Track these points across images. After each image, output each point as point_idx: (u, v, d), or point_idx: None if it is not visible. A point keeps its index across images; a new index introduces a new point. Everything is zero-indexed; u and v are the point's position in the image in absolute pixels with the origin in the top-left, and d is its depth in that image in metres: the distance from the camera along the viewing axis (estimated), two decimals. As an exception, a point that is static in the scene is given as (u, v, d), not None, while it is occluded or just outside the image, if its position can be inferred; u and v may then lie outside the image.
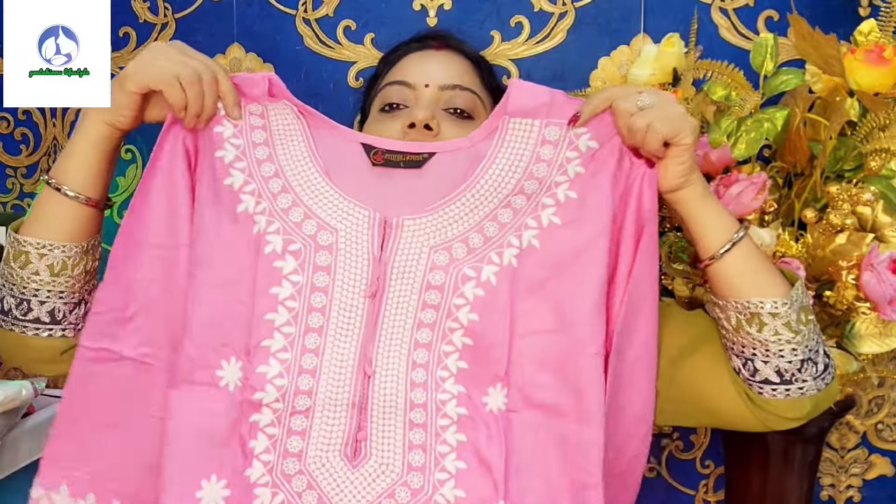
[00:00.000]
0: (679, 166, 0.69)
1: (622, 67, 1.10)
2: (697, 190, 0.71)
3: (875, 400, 1.13)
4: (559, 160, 0.72)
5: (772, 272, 0.71)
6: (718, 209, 0.72)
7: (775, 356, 0.69)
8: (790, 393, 0.70)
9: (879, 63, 0.85)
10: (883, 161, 0.87)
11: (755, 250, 0.72)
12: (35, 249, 0.71)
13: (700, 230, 0.72)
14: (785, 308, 0.68)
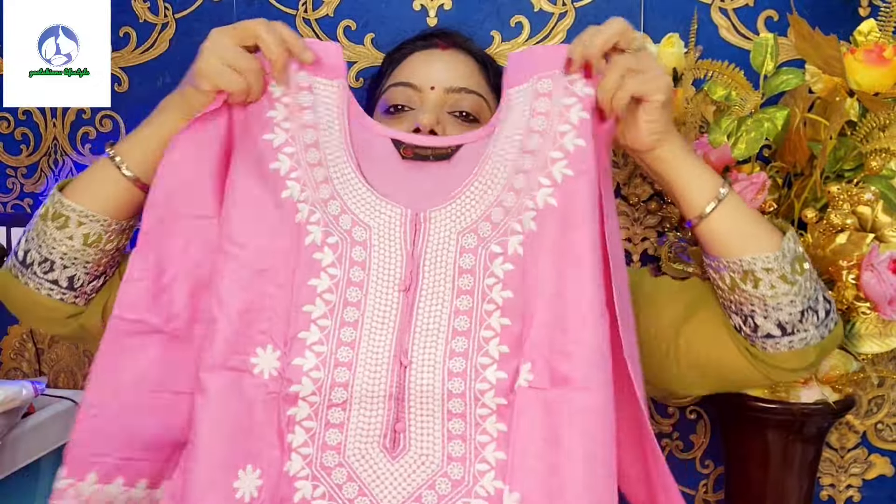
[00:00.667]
0: (650, 124, 0.67)
1: (622, 67, 1.10)
2: (675, 148, 0.69)
3: (875, 400, 1.13)
4: (557, 109, 0.70)
5: (761, 226, 0.70)
6: (700, 167, 0.71)
7: (774, 310, 0.68)
8: (793, 344, 0.70)
9: (879, 63, 0.85)
10: (883, 161, 0.87)
11: (742, 205, 0.70)
12: (76, 216, 0.72)
13: (683, 189, 0.70)
14: (778, 262, 0.67)
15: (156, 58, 1.18)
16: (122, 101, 1.20)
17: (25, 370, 1.31)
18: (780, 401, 0.89)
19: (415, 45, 0.89)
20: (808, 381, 0.91)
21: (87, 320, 0.77)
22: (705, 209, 0.69)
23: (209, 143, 0.70)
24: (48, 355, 1.30)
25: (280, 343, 0.69)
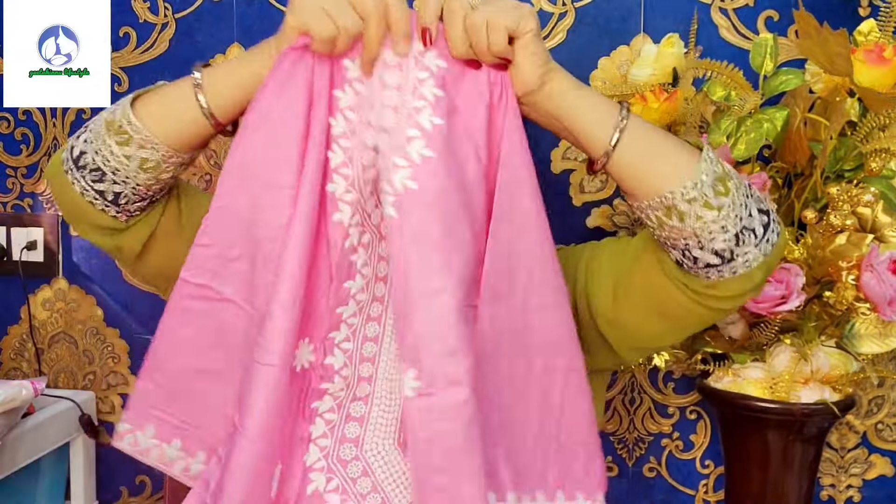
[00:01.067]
0: (532, 58, 0.63)
1: (622, 67, 1.10)
2: (563, 81, 0.65)
3: (875, 400, 1.13)
4: (410, 83, 0.63)
5: (672, 150, 0.65)
6: (595, 96, 0.66)
7: (708, 240, 0.64)
8: (736, 270, 0.65)
9: (879, 63, 0.85)
10: (883, 161, 0.87)
11: (646, 128, 0.65)
12: (140, 138, 0.67)
13: (580, 127, 0.65)
14: (698, 189, 0.62)
15: (156, 58, 1.18)
16: (122, 101, 1.20)
17: (25, 370, 1.31)
18: (781, 401, 0.89)
19: None
20: (809, 382, 0.91)
21: (124, 241, 0.74)
22: (608, 142, 0.64)
23: (293, 103, 0.64)
24: (48, 355, 1.30)
25: (316, 339, 0.67)
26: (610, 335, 0.77)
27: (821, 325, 0.91)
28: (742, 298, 0.69)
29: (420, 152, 0.61)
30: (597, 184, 1.12)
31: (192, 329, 0.68)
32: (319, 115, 0.64)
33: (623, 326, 0.75)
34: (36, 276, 1.28)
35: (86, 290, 1.28)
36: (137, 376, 0.69)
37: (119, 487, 1.29)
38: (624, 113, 0.64)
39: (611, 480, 1.19)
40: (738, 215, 0.63)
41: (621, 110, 0.64)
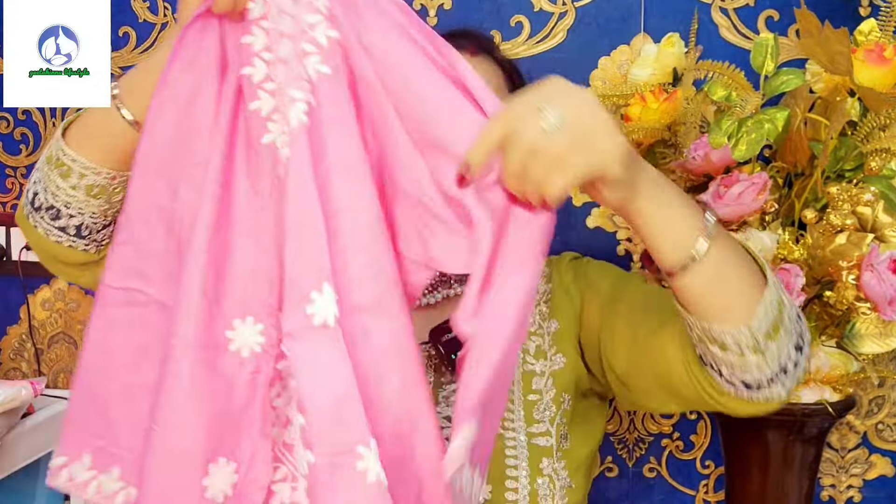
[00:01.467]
0: (612, 195, 0.55)
1: (622, 67, 1.10)
2: (643, 204, 0.57)
3: (875, 400, 1.13)
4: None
5: (737, 287, 0.60)
6: (672, 219, 0.58)
7: (740, 372, 0.62)
8: (756, 397, 0.64)
9: (880, 63, 0.85)
10: (883, 161, 0.87)
11: (722, 260, 0.59)
12: (78, 167, 0.65)
13: (655, 243, 0.59)
14: (750, 334, 0.59)
15: (156, 58, 1.18)
16: (122, 101, 1.19)
17: (25, 370, 1.31)
18: (781, 401, 0.89)
19: None
20: (809, 382, 0.91)
21: (101, 272, 0.69)
22: (678, 267, 0.59)
23: (203, 76, 0.59)
24: (47, 355, 1.30)
25: (263, 314, 0.59)
26: (617, 391, 0.79)
27: (821, 325, 0.91)
28: (743, 413, 0.68)
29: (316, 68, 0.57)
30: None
31: (121, 340, 0.62)
32: (232, 77, 0.59)
33: (632, 390, 0.76)
34: (35, 277, 1.28)
35: (85, 291, 1.27)
36: (69, 401, 0.64)
37: (119, 488, 1.29)
38: (705, 243, 0.57)
39: (611, 480, 1.19)
40: (779, 361, 0.62)
41: (701, 238, 0.57)
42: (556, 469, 0.72)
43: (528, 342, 0.83)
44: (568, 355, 0.81)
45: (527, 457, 0.72)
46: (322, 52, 0.57)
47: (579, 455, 0.76)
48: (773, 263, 0.87)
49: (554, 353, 0.82)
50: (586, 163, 0.51)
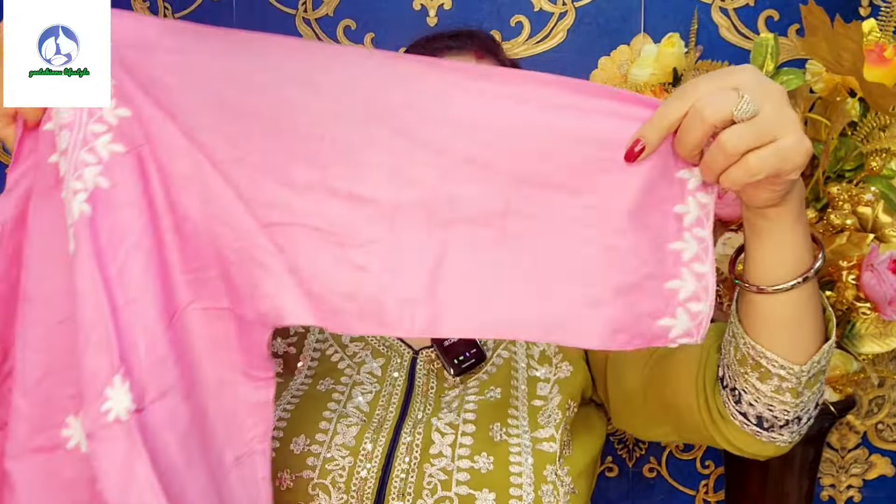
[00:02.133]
0: (770, 193, 0.52)
1: (622, 67, 1.10)
2: (782, 212, 0.54)
3: (875, 400, 1.13)
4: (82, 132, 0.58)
5: (811, 329, 0.59)
6: (798, 236, 0.56)
7: (764, 406, 0.62)
8: (760, 436, 0.64)
9: (880, 63, 0.85)
10: (883, 161, 0.87)
11: (811, 296, 0.58)
12: None
13: (765, 255, 0.56)
14: (797, 376, 0.59)
15: (156, 58, 1.18)
16: (122, 101, 1.19)
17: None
18: (781, 401, 0.89)
19: (446, 44, 0.84)
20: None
21: None
22: (774, 286, 0.56)
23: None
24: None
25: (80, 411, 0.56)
26: (614, 407, 0.80)
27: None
28: (736, 447, 0.67)
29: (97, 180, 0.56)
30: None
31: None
32: (42, 153, 0.60)
33: (633, 408, 0.77)
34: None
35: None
36: None
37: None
38: (810, 274, 0.56)
39: (611, 480, 1.19)
40: (805, 409, 0.62)
41: (809, 272, 0.56)
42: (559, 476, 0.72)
43: (532, 347, 0.83)
44: (575, 363, 0.81)
45: (531, 463, 0.71)
46: (112, 130, 0.57)
47: (582, 461, 0.76)
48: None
49: (560, 360, 0.81)
50: (768, 163, 0.48)
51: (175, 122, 0.56)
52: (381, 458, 0.70)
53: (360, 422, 0.74)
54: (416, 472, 0.69)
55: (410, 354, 0.82)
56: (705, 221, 0.54)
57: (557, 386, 0.79)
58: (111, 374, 0.53)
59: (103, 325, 0.53)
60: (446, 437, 0.72)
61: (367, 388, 0.78)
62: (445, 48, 0.85)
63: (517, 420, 0.75)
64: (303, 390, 0.79)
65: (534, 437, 0.74)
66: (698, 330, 0.54)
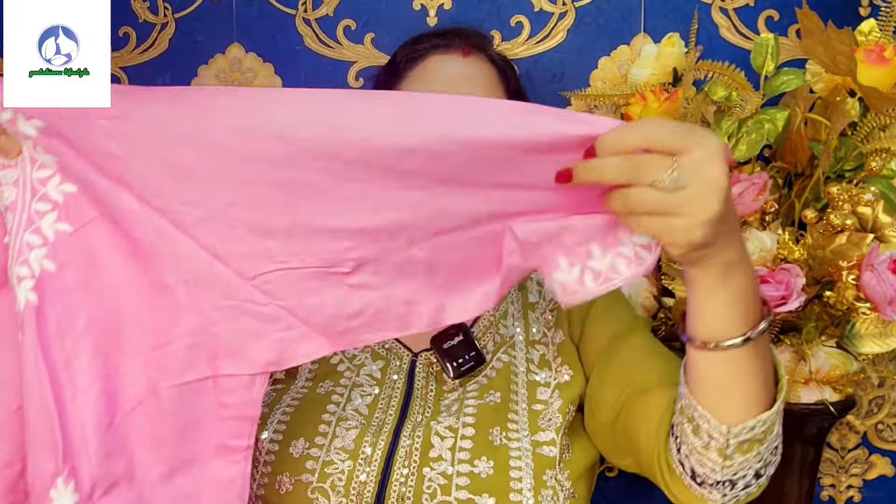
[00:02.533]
0: (674, 250, 0.52)
1: (622, 67, 1.10)
2: (706, 277, 0.53)
3: (875, 400, 1.13)
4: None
5: (748, 394, 0.58)
6: (727, 304, 0.54)
7: (696, 460, 0.61)
8: (694, 490, 0.63)
9: (880, 63, 0.85)
10: (883, 161, 0.87)
11: (751, 361, 0.57)
12: None
13: (703, 310, 0.56)
14: (725, 435, 0.58)
15: (155, 58, 1.18)
16: (122, 101, 1.19)
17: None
18: (781, 401, 0.89)
19: (433, 43, 0.84)
20: (809, 382, 0.91)
21: None
22: (712, 343, 0.56)
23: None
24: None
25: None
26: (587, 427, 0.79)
27: (821, 325, 0.91)
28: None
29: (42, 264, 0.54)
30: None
31: None
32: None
33: (602, 436, 0.77)
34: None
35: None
36: None
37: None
38: (745, 341, 0.55)
39: (611, 480, 1.19)
40: (735, 473, 0.60)
41: (749, 334, 0.55)
42: (559, 480, 0.72)
43: (532, 351, 0.82)
44: (574, 367, 0.81)
45: (532, 468, 0.71)
46: (58, 208, 0.54)
47: (582, 465, 0.76)
48: (774, 263, 0.87)
49: (560, 364, 0.81)
50: (650, 228, 0.50)
51: (128, 190, 0.54)
52: (380, 461, 0.70)
53: (360, 425, 0.74)
54: (415, 476, 0.69)
55: (410, 357, 0.82)
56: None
57: (558, 390, 0.79)
58: (55, 476, 0.52)
59: (49, 424, 0.52)
60: (446, 440, 0.72)
61: (366, 390, 0.78)
62: (432, 47, 0.84)
63: (517, 424, 0.75)
64: (303, 393, 0.79)
65: (534, 441, 0.73)
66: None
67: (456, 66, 0.82)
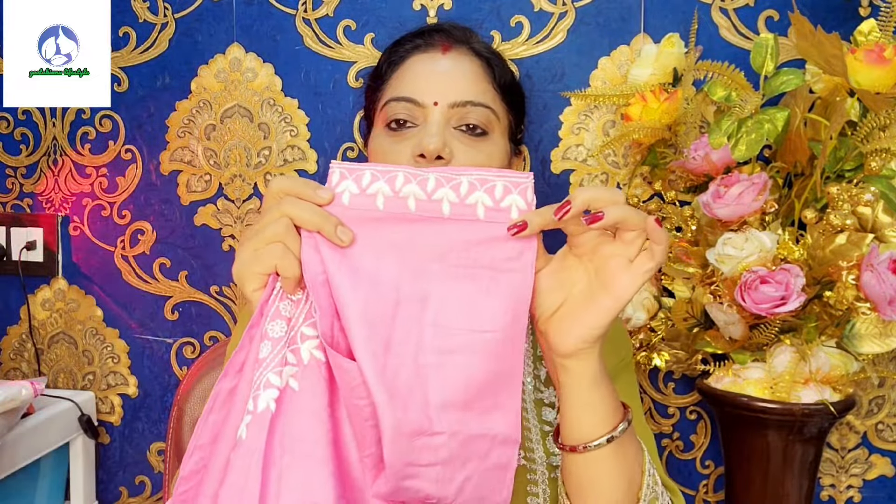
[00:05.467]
0: (587, 330, 0.58)
1: (622, 67, 1.10)
2: (587, 371, 0.59)
3: (875, 400, 1.13)
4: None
5: (608, 494, 0.61)
6: (606, 394, 0.60)
7: None
8: None
9: (880, 63, 0.85)
10: (883, 161, 0.87)
11: (611, 462, 0.61)
12: None
13: (571, 412, 0.61)
14: None
15: (155, 58, 1.18)
16: (122, 101, 1.20)
17: (25, 370, 1.31)
18: (781, 401, 0.89)
19: (414, 44, 0.83)
20: (809, 382, 0.91)
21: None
22: (579, 447, 0.61)
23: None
24: (47, 355, 1.30)
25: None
26: None
27: (821, 325, 0.91)
28: None
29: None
30: (596, 184, 1.12)
31: None
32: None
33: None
34: (35, 276, 1.28)
35: (85, 291, 1.27)
36: None
37: (118, 488, 1.29)
38: (614, 436, 0.60)
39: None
40: None
41: (614, 432, 0.60)
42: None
43: (539, 368, 0.82)
44: None
45: (548, 494, 0.70)
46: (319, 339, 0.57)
47: None
48: (774, 263, 0.88)
49: None
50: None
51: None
52: None
53: None
54: None
55: None
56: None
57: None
58: None
59: None
60: None
61: None
62: (413, 48, 0.83)
63: (532, 444, 0.75)
64: None
65: (549, 465, 0.73)
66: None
67: (436, 64, 0.81)
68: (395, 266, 0.57)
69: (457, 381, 0.56)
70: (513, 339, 0.57)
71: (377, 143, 0.80)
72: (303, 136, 1.18)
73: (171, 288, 1.24)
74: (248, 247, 0.57)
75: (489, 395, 0.57)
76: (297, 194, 0.57)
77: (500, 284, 0.57)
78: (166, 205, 1.22)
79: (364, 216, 0.57)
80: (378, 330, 0.56)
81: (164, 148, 1.21)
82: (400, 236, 0.58)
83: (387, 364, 0.55)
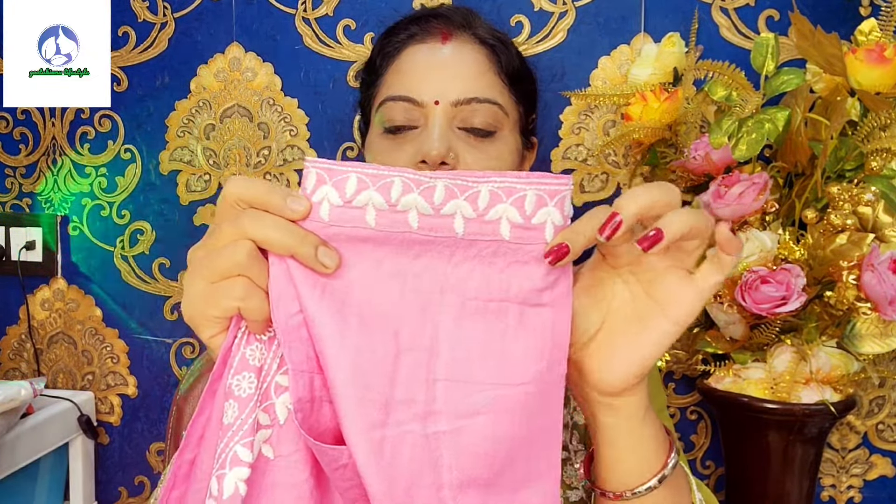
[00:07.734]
0: (634, 365, 0.47)
1: (622, 67, 1.10)
2: (634, 408, 0.49)
3: (876, 400, 1.13)
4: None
5: None
6: (654, 429, 0.51)
7: None
8: None
9: (880, 63, 0.85)
10: (884, 161, 0.87)
11: (673, 487, 0.53)
12: None
13: (613, 454, 0.51)
14: None
15: (155, 57, 1.18)
16: (122, 101, 1.20)
17: (24, 370, 1.31)
18: (781, 401, 0.89)
19: (410, 32, 0.75)
20: (809, 382, 0.91)
21: None
22: (628, 490, 0.51)
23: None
24: (47, 355, 1.30)
25: None
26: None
27: (822, 326, 0.91)
28: None
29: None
30: (597, 184, 1.12)
31: None
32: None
33: None
34: (34, 276, 1.28)
35: (85, 291, 1.27)
36: None
37: (118, 488, 1.29)
38: (660, 481, 0.51)
39: None
40: None
41: (661, 475, 0.51)
42: None
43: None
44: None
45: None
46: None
47: None
48: (774, 263, 0.87)
49: (575, 405, 0.76)
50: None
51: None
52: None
53: None
54: None
55: None
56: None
57: (576, 433, 0.75)
58: None
59: None
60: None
61: None
62: (408, 38, 0.76)
63: None
64: None
65: (564, 497, 0.71)
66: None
67: (436, 55, 0.73)
68: (394, 304, 0.45)
69: (479, 451, 0.44)
70: (549, 391, 0.45)
71: (374, 147, 0.74)
72: (302, 135, 1.18)
73: (171, 288, 1.24)
74: (199, 280, 0.43)
75: (521, 465, 0.46)
76: (262, 205, 0.42)
77: (530, 323, 0.45)
78: (166, 204, 1.22)
79: (350, 235, 0.44)
80: (373, 389, 0.44)
81: (164, 147, 1.21)
82: (398, 264, 0.45)
83: (385, 437, 0.43)
